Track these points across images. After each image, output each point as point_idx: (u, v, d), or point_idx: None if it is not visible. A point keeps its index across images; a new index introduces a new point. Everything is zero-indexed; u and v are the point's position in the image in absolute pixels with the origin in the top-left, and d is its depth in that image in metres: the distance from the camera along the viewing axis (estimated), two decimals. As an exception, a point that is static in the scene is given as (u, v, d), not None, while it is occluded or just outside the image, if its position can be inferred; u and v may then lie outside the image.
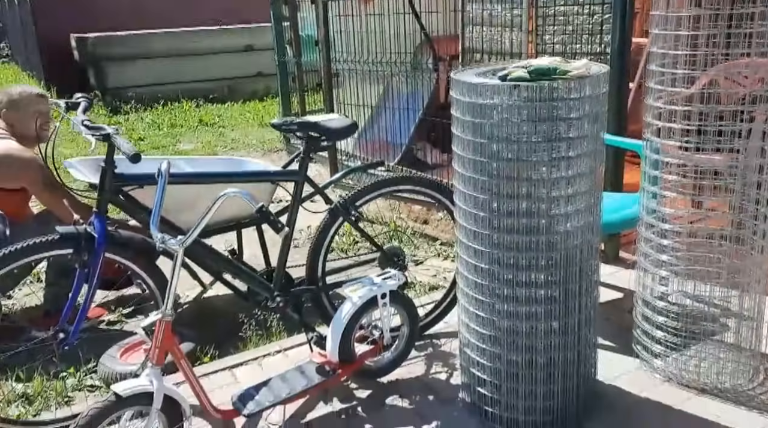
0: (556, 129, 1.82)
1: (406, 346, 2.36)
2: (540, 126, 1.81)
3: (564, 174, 1.86)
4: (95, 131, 1.94)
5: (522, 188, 1.86)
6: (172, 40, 9.17)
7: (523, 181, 1.86)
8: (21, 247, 1.90)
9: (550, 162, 1.84)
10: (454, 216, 2.26)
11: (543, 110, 1.80)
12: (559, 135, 1.83)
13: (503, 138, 1.84)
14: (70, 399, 2.37)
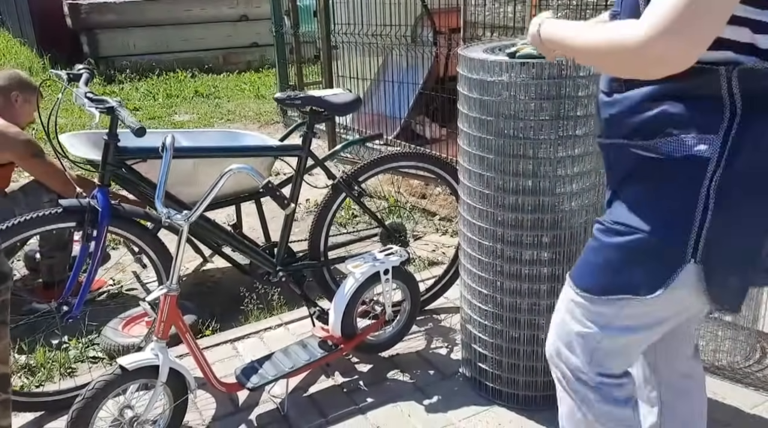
0: (563, 107, 1.81)
1: (407, 321, 2.38)
2: (547, 104, 1.80)
3: (570, 153, 1.86)
4: (99, 104, 1.91)
5: (528, 166, 1.86)
6: (167, 8, 9.00)
7: (529, 159, 1.85)
8: (25, 220, 1.89)
9: (557, 140, 1.84)
10: (458, 193, 2.26)
11: (551, 87, 1.79)
12: (566, 113, 1.82)
13: (510, 115, 1.83)
14: (73, 370, 2.38)
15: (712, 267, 1.10)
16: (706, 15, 0.95)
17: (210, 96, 7.62)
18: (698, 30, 0.95)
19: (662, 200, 1.11)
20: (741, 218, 1.08)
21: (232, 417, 2.06)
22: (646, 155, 1.13)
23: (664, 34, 0.96)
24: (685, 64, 0.98)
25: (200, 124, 6.32)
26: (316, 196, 4.07)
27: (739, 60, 1.02)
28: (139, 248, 2.17)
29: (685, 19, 0.94)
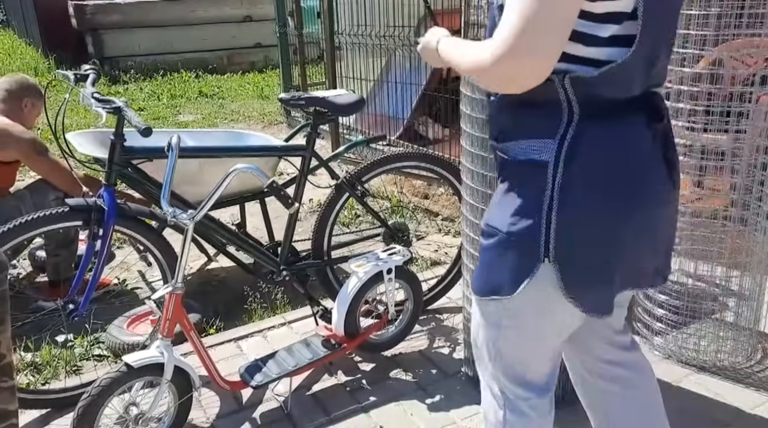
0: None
1: (409, 321, 2.40)
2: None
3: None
4: (105, 104, 1.93)
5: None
6: (171, 8, 9.04)
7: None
8: (32, 218, 1.91)
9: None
10: (460, 193, 2.27)
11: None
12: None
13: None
14: (79, 368, 2.40)
15: (566, 267, 1.13)
16: (543, 37, 1.01)
17: (214, 96, 7.65)
18: (538, 50, 1.02)
19: (515, 201, 1.16)
20: (585, 219, 1.11)
21: (236, 415, 2.08)
22: (503, 157, 1.20)
23: (506, 57, 1.02)
24: (536, 80, 1.05)
25: (204, 124, 6.35)
26: (319, 196, 4.09)
27: (570, 69, 1.07)
28: (145, 247, 2.19)
29: (524, 43, 1.01)
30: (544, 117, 1.12)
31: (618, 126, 1.10)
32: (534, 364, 1.29)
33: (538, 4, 1.00)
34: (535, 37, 1.01)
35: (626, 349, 1.44)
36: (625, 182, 1.11)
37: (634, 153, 1.11)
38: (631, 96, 1.10)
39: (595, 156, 1.10)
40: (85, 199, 2.01)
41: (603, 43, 1.05)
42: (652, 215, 1.16)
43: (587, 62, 1.07)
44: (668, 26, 1.12)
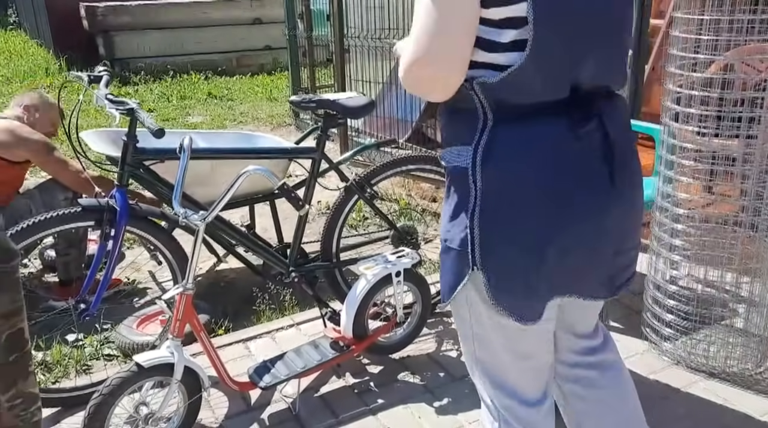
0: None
1: (418, 323, 2.40)
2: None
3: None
4: (119, 105, 1.95)
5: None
6: (181, 11, 9.09)
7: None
8: (45, 218, 1.93)
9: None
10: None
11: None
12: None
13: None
14: (89, 367, 2.42)
15: (490, 274, 1.13)
16: (442, 48, 1.05)
17: (223, 98, 7.68)
18: (438, 61, 1.06)
19: (450, 208, 1.19)
20: (504, 225, 1.12)
21: (245, 416, 2.09)
22: (443, 164, 1.23)
23: (410, 67, 1.07)
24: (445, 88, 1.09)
25: (213, 125, 6.37)
26: (327, 198, 4.10)
27: (476, 75, 1.09)
28: (155, 248, 2.21)
29: (424, 55, 1.05)
30: (465, 123, 1.13)
31: (530, 130, 1.09)
32: (514, 374, 1.27)
33: (435, 17, 1.03)
34: (435, 49, 1.05)
35: (590, 352, 1.42)
36: (543, 187, 1.10)
37: (550, 157, 1.10)
38: (547, 100, 1.09)
39: (508, 161, 1.10)
40: (97, 199, 2.03)
41: (504, 48, 1.05)
42: (585, 220, 1.13)
43: (491, 67, 1.07)
44: (586, 28, 1.08)
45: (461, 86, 1.09)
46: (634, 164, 1.22)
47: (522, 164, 1.09)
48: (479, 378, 1.31)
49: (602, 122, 1.13)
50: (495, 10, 1.03)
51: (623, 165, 1.17)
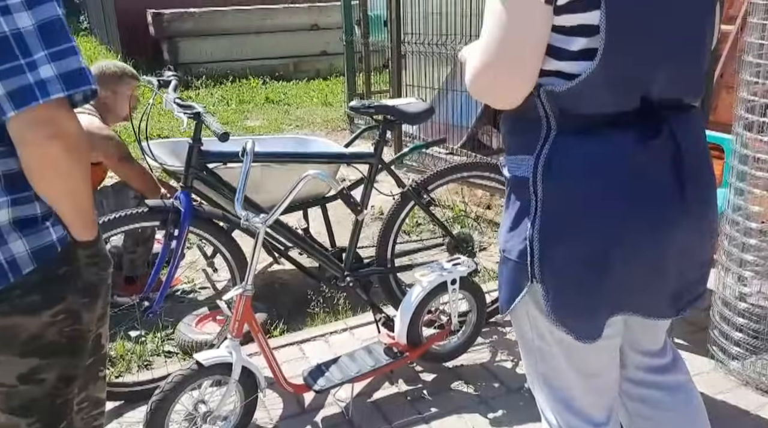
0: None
1: (472, 332, 2.37)
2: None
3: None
4: (186, 110, 2.01)
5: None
6: (242, 17, 9.31)
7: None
8: (114, 218, 2.00)
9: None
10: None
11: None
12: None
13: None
14: (150, 363, 2.50)
15: (549, 288, 1.10)
16: (513, 59, 1.03)
17: (280, 102, 7.82)
18: (511, 71, 1.05)
19: (509, 218, 1.17)
20: (566, 238, 1.08)
21: (299, 418, 2.11)
22: (504, 173, 1.20)
23: (479, 75, 1.06)
24: (512, 97, 1.07)
25: (270, 129, 6.50)
26: (380, 202, 4.11)
27: (544, 83, 1.05)
28: (215, 248, 2.26)
29: (494, 64, 1.04)
30: (527, 131, 1.10)
31: (597, 141, 1.06)
32: (578, 392, 1.23)
33: (505, 23, 1.01)
34: (505, 57, 1.03)
35: (658, 371, 1.37)
36: (607, 200, 1.06)
37: (616, 169, 1.06)
38: (616, 110, 1.05)
39: (571, 172, 1.06)
40: (163, 201, 2.09)
41: (573, 56, 1.03)
42: (651, 237, 1.08)
43: (559, 75, 1.04)
44: (661, 38, 1.03)
45: None
46: (707, 178, 1.17)
47: (586, 175, 1.06)
48: (540, 392, 1.28)
49: (673, 135, 1.08)
50: (566, 17, 1.01)
51: (695, 179, 1.12)
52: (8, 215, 1.02)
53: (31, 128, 0.97)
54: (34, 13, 0.96)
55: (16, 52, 0.94)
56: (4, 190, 1.02)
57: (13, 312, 1.04)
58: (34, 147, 0.99)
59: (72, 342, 1.12)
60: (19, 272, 1.03)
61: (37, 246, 1.05)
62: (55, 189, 1.05)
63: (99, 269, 1.14)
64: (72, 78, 0.98)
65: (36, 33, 0.95)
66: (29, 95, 0.95)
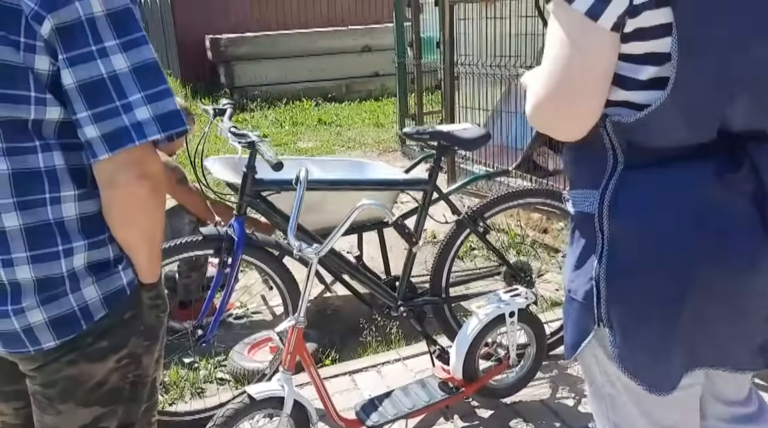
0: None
1: (531, 366, 2.27)
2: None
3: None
4: (241, 138, 2.01)
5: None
6: (296, 40, 9.51)
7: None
8: (169, 246, 2.01)
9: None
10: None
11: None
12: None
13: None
14: (202, 390, 2.49)
15: (616, 333, 1.01)
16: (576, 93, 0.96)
17: (332, 124, 7.89)
18: (572, 105, 0.97)
19: (574, 256, 1.08)
20: (635, 280, 0.99)
21: (350, 453, 2.04)
22: (569, 209, 1.12)
23: (540, 107, 1.00)
24: (575, 130, 1.01)
25: (322, 151, 6.55)
26: (433, 226, 4.04)
27: (610, 113, 0.99)
28: (268, 276, 2.24)
29: (555, 96, 0.97)
30: (592, 164, 1.03)
31: (668, 175, 0.97)
32: None
33: (569, 51, 0.94)
34: (568, 86, 0.96)
35: (742, 421, 1.24)
36: (681, 239, 0.96)
37: (690, 206, 0.96)
38: (690, 143, 0.96)
39: (640, 208, 0.98)
40: (217, 228, 2.09)
41: (642, 86, 0.95)
42: (730, 278, 0.98)
43: (627, 106, 0.97)
44: (739, 65, 0.94)
45: None
46: None
47: (656, 212, 0.98)
48: None
49: (756, 169, 0.98)
50: (635, 44, 0.94)
51: None
52: (84, 260, 1.01)
53: (124, 170, 0.96)
54: (129, 56, 0.95)
55: (112, 94, 0.94)
56: (81, 233, 1.00)
57: (81, 360, 1.02)
58: (123, 188, 0.97)
59: (133, 388, 1.10)
60: (91, 318, 1.02)
61: (108, 291, 1.03)
62: (136, 231, 1.04)
63: (159, 311, 1.13)
64: (168, 119, 0.98)
65: (132, 75, 0.95)
66: (125, 138, 0.94)
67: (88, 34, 0.92)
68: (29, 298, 0.97)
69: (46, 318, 0.98)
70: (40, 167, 0.96)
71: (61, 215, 0.98)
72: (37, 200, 0.96)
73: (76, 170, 0.99)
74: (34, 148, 0.95)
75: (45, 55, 0.92)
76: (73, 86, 0.93)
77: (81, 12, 0.92)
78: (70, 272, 0.99)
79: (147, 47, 0.98)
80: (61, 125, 0.96)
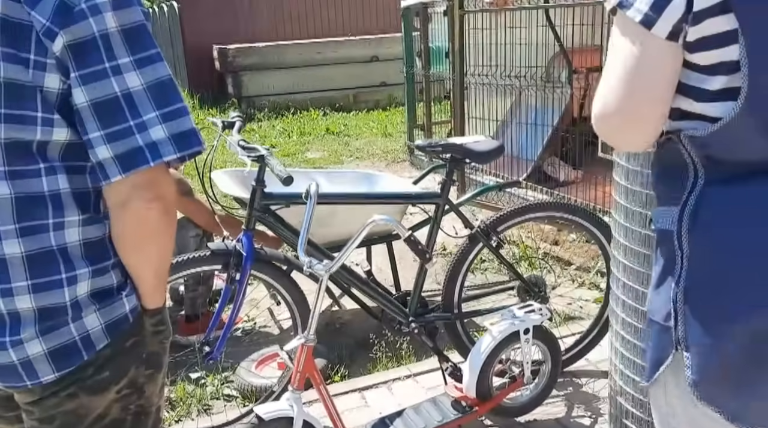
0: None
1: (546, 384, 2.21)
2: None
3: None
4: (250, 152, 1.98)
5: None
6: (304, 50, 9.51)
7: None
8: (177, 262, 1.97)
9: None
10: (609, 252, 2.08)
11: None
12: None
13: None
14: (209, 407, 2.44)
15: (694, 357, 0.96)
16: (638, 102, 0.94)
17: (340, 134, 7.86)
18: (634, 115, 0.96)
19: (655, 275, 1.05)
20: (711, 300, 0.94)
21: (361, 474, 1.99)
22: (652, 227, 1.07)
23: (603, 117, 0.99)
24: (638, 141, 1.01)
25: (330, 161, 6.51)
26: (443, 238, 3.98)
27: (683, 127, 0.96)
28: (277, 291, 2.20)
29: (617, 106, 0.96)
30: (672, 180, 0.99)
31: (751, 190, 0.92)
32: None
33: (631, 62, 0.92)
34: (631, 98, 0.94)
35: None
36: (765, 258, 0.91)
37: None
38: None
39: (721, 226, 0.94)
40: (225, 243, 2.05)
41: (714, 97, 0.91)
42: None
43: (701, 118, 0.93)
44: None
45: (669, 140, 0.98)
46: None
47: (739, 230, 0.93)
48: None
49: None
50: (701, 54, 0.90)
51: None
52: (87, 287, 0.96)
53: (137, 192, 0.92)
54: (143, 74, 0.92)
55: (126, 113, 0.90)
56: (84, 260, 0.96)
57: (81, 393, 0.98)
58: (135, 211, 0.93)
59: (136, 419, 1.05)
60: (93, 348, 0.97)
61: (110, 319, 0.99)
62: (146, 255, 0.99)
63: (163, 337, 1.08)
64: (184, 139, 0.94)
65: (146, 93, 0.91)
66: (140, 158, 0.90)
67: (101, 51, 0.89)
68: (28, 329, 0.93)
69: (45, 350, 0.94)
70: (44, 191, 0.92)
71: (64, 241, 0.94)
72: (40, 225, 0.92)
73: (80, 194, 0.95)
74: (38, 171, 0.91)
75: (56, 73, 0.88)
76: (86, 105, 0.89)
77: (95, 28, 0.88)
78: (73, 300, 0.95)
79: (162, 64, 0.95)
80: (67, 146, 0.93)
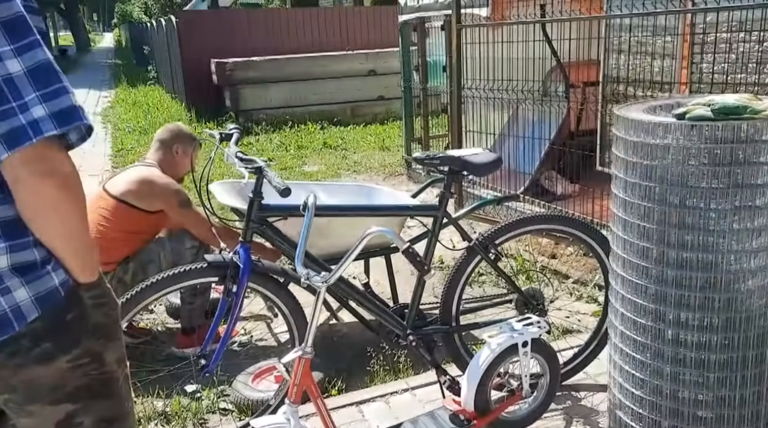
0: (740, 175, 1.61)
1: (545, 398, 2.19)
2: (721, 170, 1.61)
3: (748, 225, 1.64)
4: (248, 164, 1.97)
5: (696, 238, 1.66)
6: (302, 64, 9.55)
7: (698, 230, 1.66)
8: (172, 274, 1.97)
9: (732, 211, 1.63)
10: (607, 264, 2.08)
11: (725, 152, 1.60)
12: (743, 181, 1.62)
13: (676, 182, 1.66)
14: (205, 421, 2.42)
15: None
16: None
17: (337, 148, 7.87)
18: None
19: None
20: None
21: (358, 489, 1.97)
22: None
23: None
24: None
25: (328, 174, 6.51)
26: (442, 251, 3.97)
27: None
28: (274, 304, 2.18)
29: None
30: None
31: None
32: None
33: None
34: None
35: None
36: None
37: None
38: None
39: None
40: (222, 255, 2.04)
41: None
42: None
43: None
44: None
45: None
46: None
47: None
48: None
49: None
50: None
51: None
52: (7, 261, 1.03)
53: (25, 166, 0.98)
54: (23, 59, 0.98)
55: (8, 97, 0.96)
56: (1, 236, 1.02)
57: (28, 364, 1.05)
58: (29, 185, 0.99)
59: (103, 383, 1.13)
60: (24, 320, 1.04)
61: (40, 292, 1.05)
62: (51, 229, 1.05)
63: (108, 309, 1.14)
64: (64, 116, 0.99)
65: (26, 77, 0.98)
66: (23, 136, 0.96)
67: None
68: None
69: None
70: None
71: None
72: None
73: None
74: None
75: None
76: None
77: None
78: None
79: (41, 49, 1.00)
80: None
